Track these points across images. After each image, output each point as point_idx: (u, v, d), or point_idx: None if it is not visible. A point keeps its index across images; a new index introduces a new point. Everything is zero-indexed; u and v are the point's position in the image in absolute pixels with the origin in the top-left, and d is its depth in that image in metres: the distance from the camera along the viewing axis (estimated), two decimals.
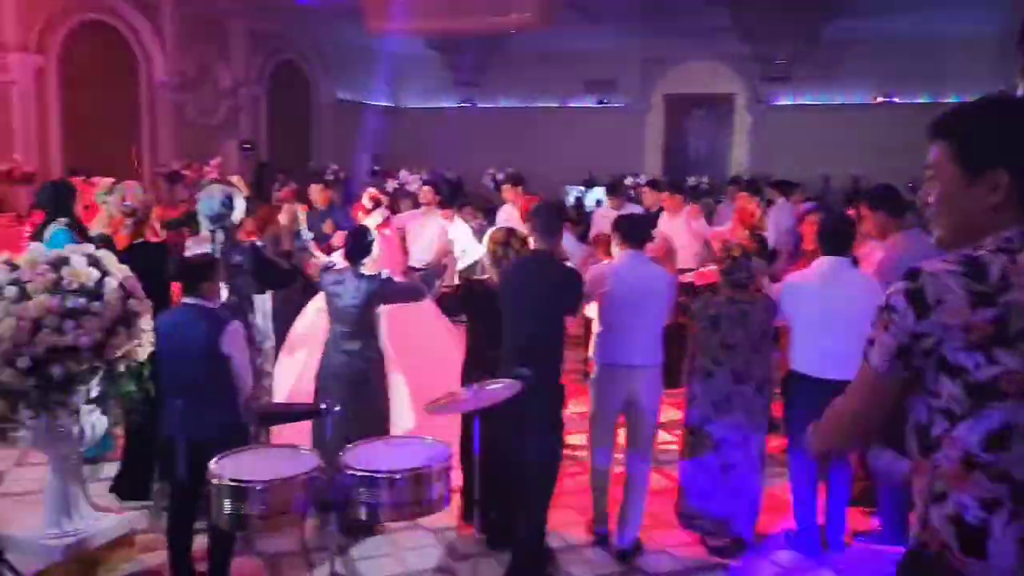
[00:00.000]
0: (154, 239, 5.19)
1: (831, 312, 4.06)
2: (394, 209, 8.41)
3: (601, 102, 20.37)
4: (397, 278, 4.74)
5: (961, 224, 1.71)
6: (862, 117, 17.57)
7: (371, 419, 4.30)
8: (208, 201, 4.68)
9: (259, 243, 5.20)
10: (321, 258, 5.83)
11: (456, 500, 4.26)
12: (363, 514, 2.97)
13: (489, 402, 3.32)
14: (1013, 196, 1.63)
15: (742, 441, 4.28)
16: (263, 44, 17.26)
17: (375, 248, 4.56)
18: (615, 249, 4.45)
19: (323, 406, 3.40)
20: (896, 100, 17.61)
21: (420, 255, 7.11)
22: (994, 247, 1.61)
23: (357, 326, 4.45)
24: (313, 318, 5.17)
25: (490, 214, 8.82)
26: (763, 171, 16.01)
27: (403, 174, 12.45)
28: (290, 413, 3.79)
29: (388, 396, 4.59)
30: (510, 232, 4.52)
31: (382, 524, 4.25)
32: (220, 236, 4.63)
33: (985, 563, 1.58)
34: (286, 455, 3.15)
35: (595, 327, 4.45)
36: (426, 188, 7.69)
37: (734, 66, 18.64)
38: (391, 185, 11.58)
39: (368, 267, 4.50)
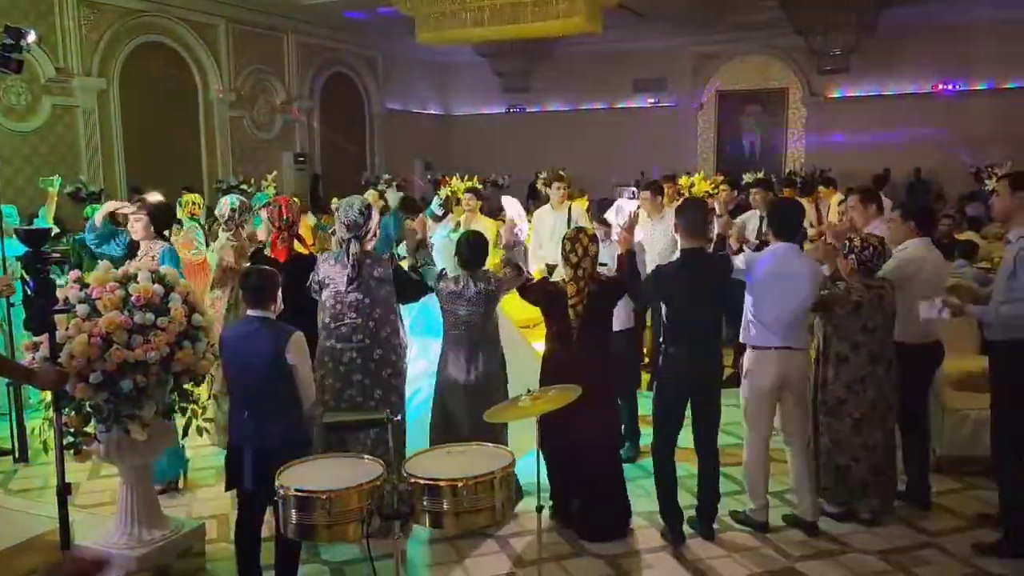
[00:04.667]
0: (304, 251, 5.11)
1: None
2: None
3: (652, 101, 20.19)
4: None
5: None
6: (921, 107, 17.06)
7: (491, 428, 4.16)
8: (347, 210, 4.47)
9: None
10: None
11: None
12: (427, 522, 2.97)
13: (551, 408, 3.29)
14: None
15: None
16: (314, 58, 17.56)
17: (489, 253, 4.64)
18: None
19: (385, 414, 3.40)
20: (957, 88, 17.05)
21: None
22: None
23: (481, 332, 4.51)
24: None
25: None
26: (819, 166, 15.66)
27: (455, 181, 12.52)
28: (354, 422, 3.81)
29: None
30: (581, 230, 4.53)
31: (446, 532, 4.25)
32: (355, 247, 4.43)
33: None
34: (351, 464, 3.17)
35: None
36: (467, 195, 7.67)
37: (788, 60, 18.33)
38: (444, 192, 11.63)
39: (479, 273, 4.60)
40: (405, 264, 4.97)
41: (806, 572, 4.14)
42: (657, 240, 6.36)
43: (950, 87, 16.98)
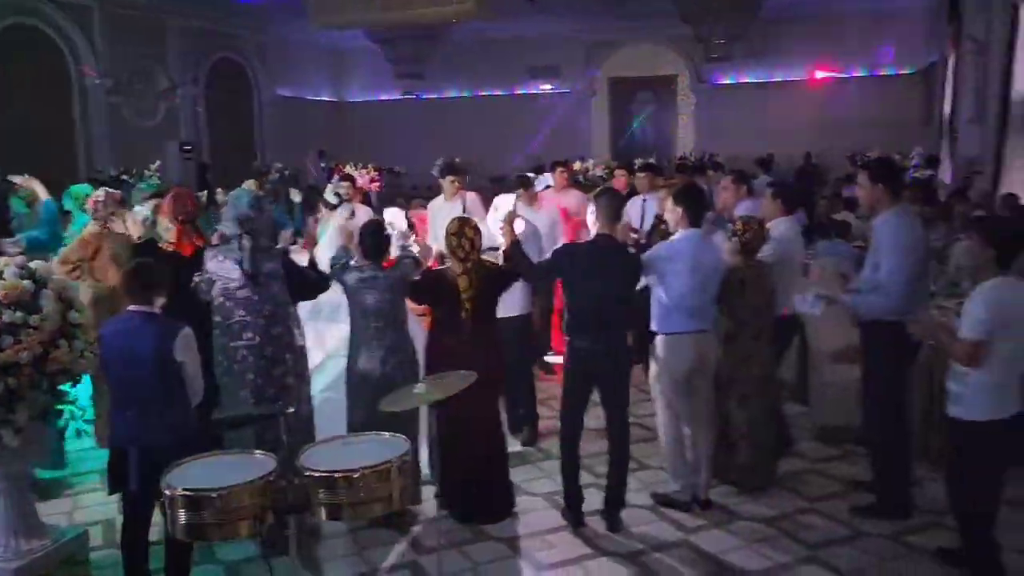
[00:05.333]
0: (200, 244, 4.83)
1: None
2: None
3: (547, 88, 20.37)
4: None
5: None
6: (801, 94, 17.84)
7: (407, 417, 4.07)
8: (235, 204, 4.26)
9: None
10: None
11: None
12: (324, 515, 2.92)
13: (447, 394, 3.30)
14: None
15: None
16: (200, 42, 16.88)
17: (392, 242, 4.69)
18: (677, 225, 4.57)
19: (277, 407, 3.33)
20: (834, 75, 17.90)
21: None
22: None
23: (390, 319, 4.46)
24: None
25: None
26: (709, 151, 16.17)
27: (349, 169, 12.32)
28: (246, 417, 3.72)
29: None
30: (463, 222, 4.54)
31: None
32: (247, 242, 4.21)
33: None
34: (242, 461, 3.08)
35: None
36: (345, 183, 7.48)
37: (676, 47, 18.80)
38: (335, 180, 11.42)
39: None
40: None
41: (700, 543, 4.29)
42: (538, 226, 6.46)
43: (828, 74, 17.81)
